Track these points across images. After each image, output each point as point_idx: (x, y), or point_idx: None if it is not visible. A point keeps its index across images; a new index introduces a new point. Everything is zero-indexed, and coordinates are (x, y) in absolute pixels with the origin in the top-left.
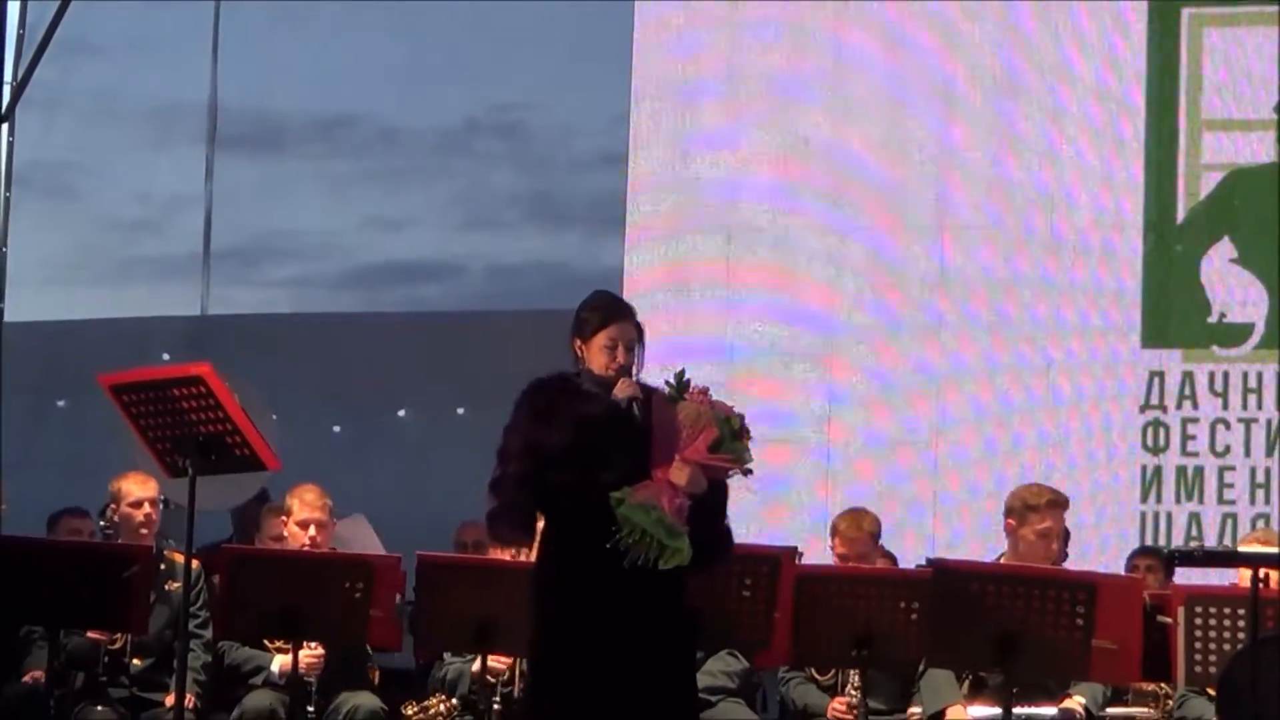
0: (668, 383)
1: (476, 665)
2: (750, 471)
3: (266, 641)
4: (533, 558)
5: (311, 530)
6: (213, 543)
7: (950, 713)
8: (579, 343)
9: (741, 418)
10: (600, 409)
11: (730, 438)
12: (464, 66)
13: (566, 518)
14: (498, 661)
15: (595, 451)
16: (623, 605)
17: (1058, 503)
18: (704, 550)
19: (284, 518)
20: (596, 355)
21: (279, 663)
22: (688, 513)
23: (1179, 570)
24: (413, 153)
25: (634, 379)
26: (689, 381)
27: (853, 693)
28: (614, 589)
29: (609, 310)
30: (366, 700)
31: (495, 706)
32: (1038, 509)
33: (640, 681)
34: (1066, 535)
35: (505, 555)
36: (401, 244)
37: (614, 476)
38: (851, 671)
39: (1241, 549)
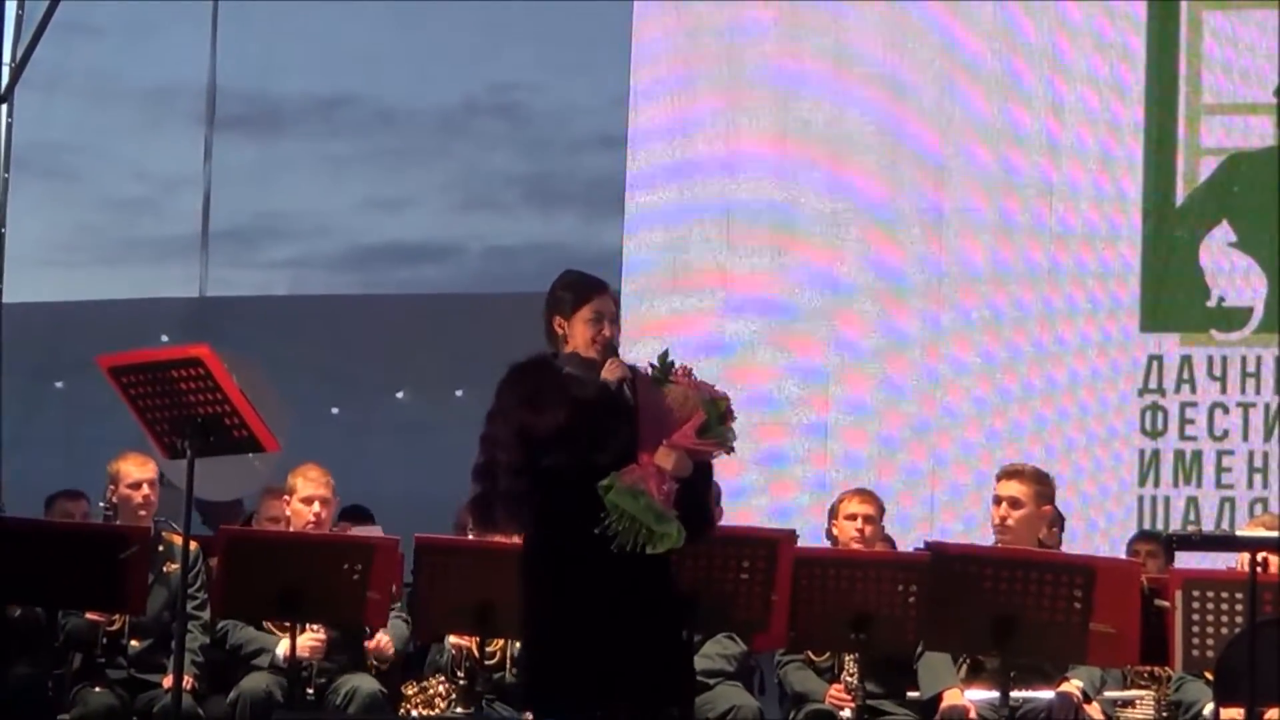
0: (652, 365)
1: (285, 645)
2: (732, 450)
3: (272, 625)
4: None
5: (315, 506)
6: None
7: (947, 696)
8: (559, 320)
9: (727, 400)
10: (590, 392)
11: (717, 421)
12: (463, 47)
13: (556, 502)
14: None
15: (588, 435)
16: (612, 588)
17: (1013, 472)
18: (688, 530)
19: (286, 497)
20: (580, 330)
21: (284, 647)
22: (675, 496)
23: (1178, 554)
24: (411, 133)
25: (620, 358)
26: (673, 363)
27: (848, 678)
28: (604, 572)
29: (589, 284)
30: (365, 683)
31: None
32: (998, 479)
33: (633, 663)
34: (1061, 519)
35: (505, 538)
36: (399, 225)
37: (608, 459)
38: (848, 657)
39: (1240, 533)
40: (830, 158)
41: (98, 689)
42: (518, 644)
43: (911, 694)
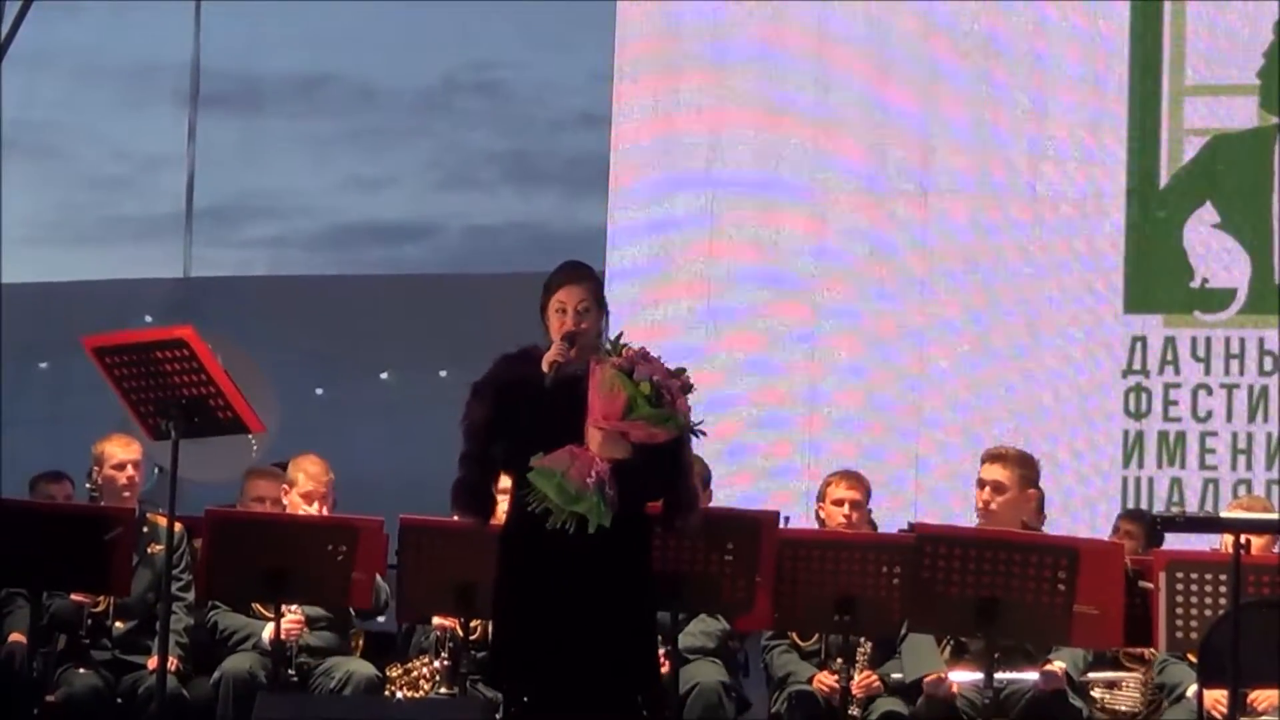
0: (603, 348)
1: (271, 629)
2: (682, 430)
3: (258, 607)
4: None
5: (315, 505)
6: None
7: (931, 678)
8: (543, 315)
9: (654, 384)
10: (518, 379)
11: (644, 403)
12: (443, 24)
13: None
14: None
15: (513, 424)
16: (563, 568)
17: (997, 455)
18: (666, 510)
19: (286, 487)
20: (552, 322)
21: (270, 630)
22: (607, 476)
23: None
24: (391, 112)
25: (569, 344)
26: (625, 345)
27: (860, 664)
28: (555, 551)
29: (556, 276)
30: (360, 667)
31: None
32: (982, 463)
33: (587, 644)
34: (1041, 500)
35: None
36: (380, 204)
37: (537, 447)
38: (860, 651)
39: (1224, 515)
40: (815, 135)
41: (82, 670)
42: None
43: (895, 676)
